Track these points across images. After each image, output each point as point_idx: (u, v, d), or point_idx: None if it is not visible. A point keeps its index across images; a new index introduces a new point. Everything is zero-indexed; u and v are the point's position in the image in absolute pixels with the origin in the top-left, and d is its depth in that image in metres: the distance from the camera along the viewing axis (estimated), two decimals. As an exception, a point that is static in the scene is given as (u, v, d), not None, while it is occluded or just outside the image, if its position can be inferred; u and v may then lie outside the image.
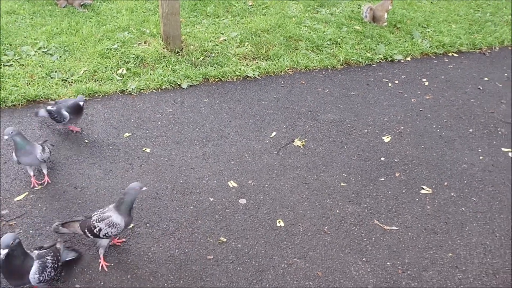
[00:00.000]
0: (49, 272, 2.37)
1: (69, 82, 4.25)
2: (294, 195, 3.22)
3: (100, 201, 3.07)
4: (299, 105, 4.21)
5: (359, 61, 4.96)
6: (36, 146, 3.02)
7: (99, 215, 2.56)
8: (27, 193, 3.09)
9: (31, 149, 2.98)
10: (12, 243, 2.20)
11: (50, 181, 3.18)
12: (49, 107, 3.50)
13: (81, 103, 3.45)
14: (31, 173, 3.16)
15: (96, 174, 3.29)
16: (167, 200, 3.12)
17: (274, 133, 3.79)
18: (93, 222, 2.54)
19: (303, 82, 4.58)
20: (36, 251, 2.43)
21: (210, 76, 4.49)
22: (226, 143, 3.68)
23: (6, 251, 2.18)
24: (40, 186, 3.14)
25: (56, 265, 2.44)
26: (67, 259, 2.60)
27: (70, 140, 3.59)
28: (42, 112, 3.59)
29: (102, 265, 2.64)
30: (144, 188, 2.59)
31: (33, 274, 2.30)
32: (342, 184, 3.34)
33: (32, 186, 3.14)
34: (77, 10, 5.43)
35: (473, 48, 5.42)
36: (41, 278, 2.33)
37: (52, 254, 2.44)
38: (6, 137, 2.89)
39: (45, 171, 3.17)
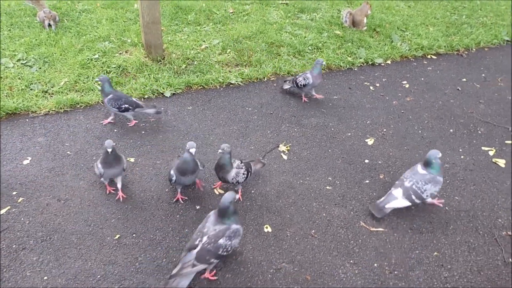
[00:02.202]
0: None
1: (49, 94, 4.20)
2: (280, 200, 3.23)
3: (85, 212, 3.03)
4: (283, 110, 4.24)
5: (341, 65, 5.03)
6: (123, 158, 3.14)
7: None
8: (9, 207, 3.04)
9: (119, 161, 3.08)
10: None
11: (124, 196, 3.18)
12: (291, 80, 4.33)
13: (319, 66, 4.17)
14: (106, 182, 3.20)
15: (80, 185, 3.25)
16: (153, 210, 3.10)
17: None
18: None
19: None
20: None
21: (193, 84, 4.49)
22: (211, 151, 3.67)
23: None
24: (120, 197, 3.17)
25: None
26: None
27: (52, 152, 3.54)
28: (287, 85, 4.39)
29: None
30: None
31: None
32: (327, 187, 3.37)
33: (117, 198, 3.16)
34: (45, 30, 5.21)
35: (450, 50, 5.55)
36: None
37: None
38: (109, 149, 2.96)
39: (119, 185, 3.18)
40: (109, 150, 2.96)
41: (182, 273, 2.43)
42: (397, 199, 3.03)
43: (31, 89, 4.21)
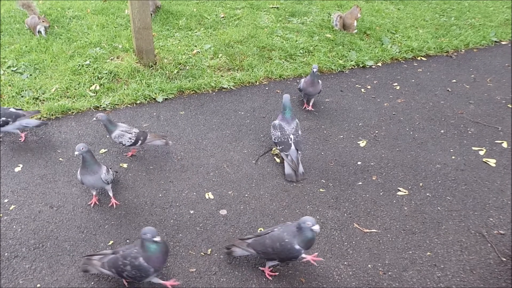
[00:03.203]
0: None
1: (40, 100, 4.18)
2: (274, 203, 3.24)
3: (77, 219, 3.02)
4: (276, 114, 4.25)
5: (332, 68, 5.06)
6: (102, 167, 3.02)
7: None
8: (0, 215, 3.01)
9: (97, 169, 2.97)
10: None
11: (118, 203, 3.15)
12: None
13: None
14: (94, 193, 3.15)
15: (73, 192, 3.24)
16: (147, 215, 3.09)
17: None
18: None
19: (278, 91, 4.63)
20: None
21: (185, 88, 4.50)
22: (204, 155, 3.67)
23: None
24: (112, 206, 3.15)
25: None
26: None
27: (44, 159, 3.52)
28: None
29: None
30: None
31: None
32: (321, 190, 3.38)
33: (92, 204, 3.12)
34: (35, 36, 5.21)
35: (440, 51, 5.60)
36: None
37: None
38: (76, 153, 2.88)
39: (110, 194, 3.14)
40: (76, 153, 2.87)
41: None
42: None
43: (22, 96, 4.19)
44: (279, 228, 2.60)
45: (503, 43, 5.96)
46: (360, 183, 3.46)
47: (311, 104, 4.33)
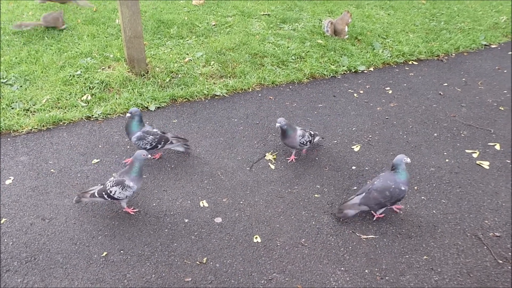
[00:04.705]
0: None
1: (31, 112, 4.14)
2: (269, 210, 3.22)
3: (70, 231, 2.97)
4: (269, 120, 4.24)
5: (324, 74, 5.07)
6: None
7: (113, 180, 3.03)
8: (-9, 228, 2.96)
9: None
10: None
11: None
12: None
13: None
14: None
15: (65, 203, 3.19)
16: (141, 225, 3.05)
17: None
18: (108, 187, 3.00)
19: (271, 97, 4.63)
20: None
21: (178, 96, 4.48)
22: (198, 163, 3.65)
23: None
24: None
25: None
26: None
27: (35, 171, 3.48)
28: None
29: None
30: (149, 156, 3.04)
31: None
32: (316, 195, 3.36)
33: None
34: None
35: (431, 55, 5.64)
36: None
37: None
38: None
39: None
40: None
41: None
42: None
43: (12, 108, 4.15)
44: (378, 180, 3.04)
45: (492, 46, 6.02)
46: (355, 187, 3.45)
47: (292, 154, 3.75)
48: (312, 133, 3.67)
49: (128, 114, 3.43)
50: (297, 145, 3.60)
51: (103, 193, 2.99)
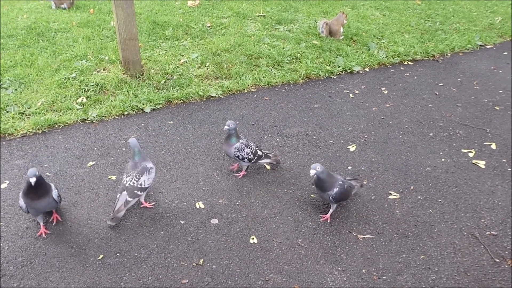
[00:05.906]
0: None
1: (26, 115, 4.13)
2: (265, 211, 3.21)
3: (66, 234, 2.95)
4: (264, 121, 4.24)
5: (320, 75, 5.07)
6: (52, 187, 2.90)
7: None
8: (-14, 232, 2.94)
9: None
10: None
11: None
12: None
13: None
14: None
15: (61, 206, 3.18)
16: (137, 227, 3.04)
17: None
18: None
19: (267, 98, 4.63)
20: None
21: (173, 98, 4.47)
22: (194, 164, 3.64)
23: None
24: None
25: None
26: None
27: (30, 174, 3.46)
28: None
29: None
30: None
31: None
32: (312, 195, 3.36)
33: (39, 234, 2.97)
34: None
35: (426, 56, 5.66)
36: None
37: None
38: (32, 179, 2.66)
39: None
40: (32, 180, 2.66)
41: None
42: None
43: (7, 111, 4.13)
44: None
45: (488, 46, 6.05)
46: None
47: (242, 170, 3.53)
48: (260, 153, 3.40)
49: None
50: (232, 156, 3.38)
51: (136, 191, 2.97)
